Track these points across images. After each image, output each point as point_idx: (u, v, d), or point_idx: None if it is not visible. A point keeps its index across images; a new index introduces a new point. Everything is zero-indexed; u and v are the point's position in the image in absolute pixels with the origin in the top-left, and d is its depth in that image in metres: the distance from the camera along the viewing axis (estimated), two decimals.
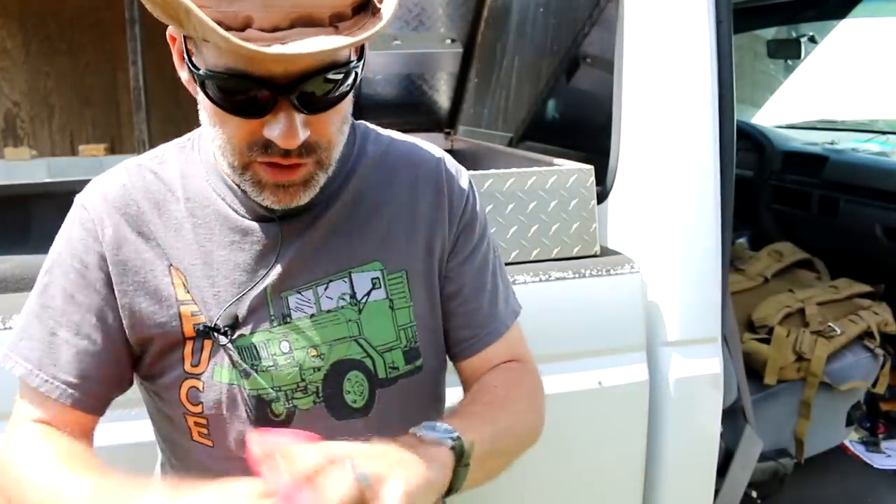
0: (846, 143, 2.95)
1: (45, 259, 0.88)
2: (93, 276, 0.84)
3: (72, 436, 0.83)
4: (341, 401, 0.87)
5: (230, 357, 0.84)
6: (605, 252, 1.42)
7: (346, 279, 0.88)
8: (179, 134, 0.93)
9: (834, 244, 2.73)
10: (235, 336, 0.84)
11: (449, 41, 2.24)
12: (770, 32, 3.32)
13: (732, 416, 1.56)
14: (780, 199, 2.99)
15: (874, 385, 2.22)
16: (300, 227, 0.86)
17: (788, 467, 1.98)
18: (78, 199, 0.88)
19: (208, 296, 0.85)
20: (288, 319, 0.86)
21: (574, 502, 1.39)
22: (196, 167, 0.89)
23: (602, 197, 1.46)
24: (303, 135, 0.73)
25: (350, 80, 0.75)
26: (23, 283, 1.17)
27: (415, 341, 0.91)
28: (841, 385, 2.10)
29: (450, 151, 1.53)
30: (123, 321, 0.85)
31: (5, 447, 0.82)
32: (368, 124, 0.97)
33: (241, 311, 0.85)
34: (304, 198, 0.80)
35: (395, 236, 0.90)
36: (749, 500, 1.89)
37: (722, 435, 1.47)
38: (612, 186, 1.46)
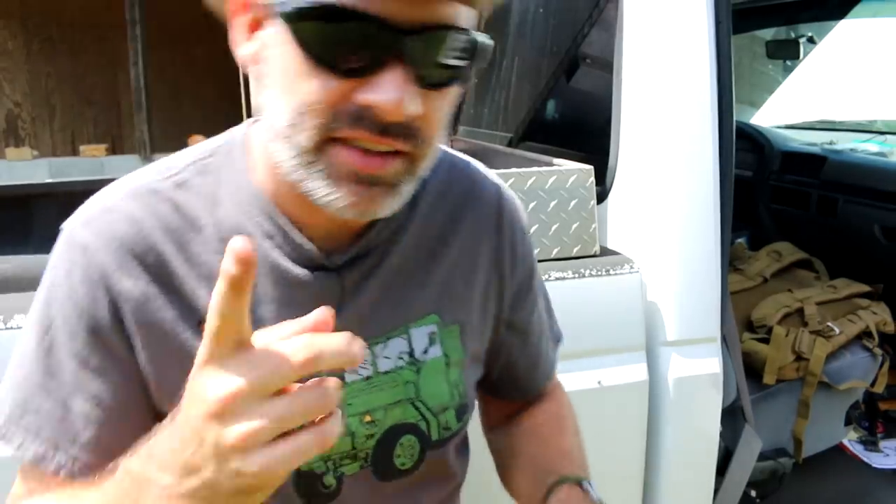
0: (845, 143, 2.96)
1: (45, 258, 0.74)
2: (108, 337, 0.67)
3: None
4: (390, 464, 0.79)
5: None
6: (605, 252, 1.42)
7: (405, 336, 0.76)
8: (180, 134, 0.88)
9: (833, 244, 2.73)
10: None
11: None
12: (769, 33, 3.33)
13: (732, 416, 1.56)
14: (779, 200, 2.99)
15: (873, 384, 2.23)
16: (357, 278, 0.73)
17: (787, 467, 1.98)
18: (73, 235, 0.68)
19: None
20: (342, 385, 0.72)
21: None
22: (229, 193, 0.69)
23: (602, 197, 1.47)
24: (413, 108, 0.57)
25: (469, 57, 0.60)
26: (24, 284, 1.17)
27: (464, 397, 0.82)
28: (840, 384, 2.10)
29: None
30: (151, 391, 0.69)
31: None
32: None
33: None
34: (386, 208, 0.62)
35: (454, 285, 0.79)
36: (748, 500, 1.90)
37: (721, 434, 1.47)
38: (611, 186, 1.46)
